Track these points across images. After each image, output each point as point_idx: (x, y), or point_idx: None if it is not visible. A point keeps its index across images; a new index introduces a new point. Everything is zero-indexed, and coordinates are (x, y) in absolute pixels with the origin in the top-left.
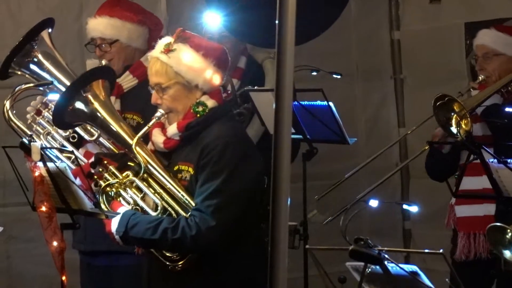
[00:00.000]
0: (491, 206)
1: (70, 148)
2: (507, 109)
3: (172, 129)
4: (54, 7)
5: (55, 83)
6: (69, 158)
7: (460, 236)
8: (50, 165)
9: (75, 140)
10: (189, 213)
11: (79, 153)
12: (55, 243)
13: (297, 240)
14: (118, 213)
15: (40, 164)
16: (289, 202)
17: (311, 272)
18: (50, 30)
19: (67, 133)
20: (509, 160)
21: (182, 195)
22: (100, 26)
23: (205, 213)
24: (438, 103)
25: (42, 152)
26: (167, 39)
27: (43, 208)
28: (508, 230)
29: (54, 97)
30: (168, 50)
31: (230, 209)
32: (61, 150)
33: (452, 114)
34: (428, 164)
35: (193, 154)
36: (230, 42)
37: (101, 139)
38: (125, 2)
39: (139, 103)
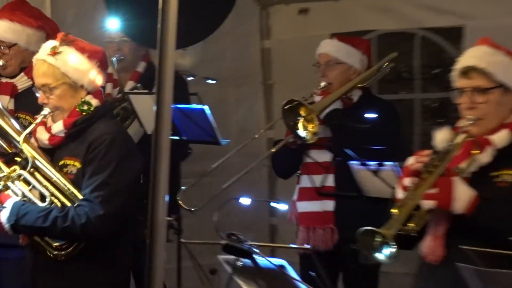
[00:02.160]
0: (330, 203)
1: None
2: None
3: (58, 127)
4: None
5: None
6: None
7: (300, 229)
8: None
9: None
10: (77, 204)
11: None
12: None
13: (172, 234)
14: (4, 207)
15: None
16: (167, 199)
17: (184, 264)
18: None
19: None
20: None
21: (68, 187)
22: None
23: (94, 203)
24: (286, 107)
25: None
26: (52, 43)
27: None
28: (377, 235)
29: None
30: (54, 52)
31: (117, 200)
32: None
33: (299, 118)
34: (274, 163)
35: (79, 150)
36: (129, 47)
37: None
38: (26, 6)
39: (32, 104)
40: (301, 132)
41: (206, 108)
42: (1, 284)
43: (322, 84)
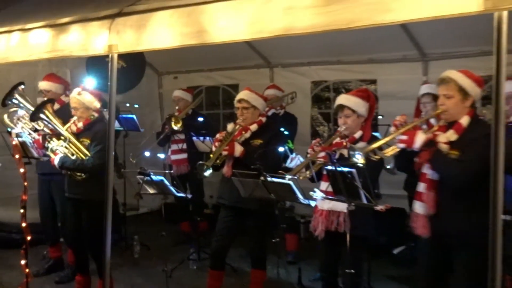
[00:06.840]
0: (185, 154)
1: (33, 133)
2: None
3: (80, 125)
4: (24, 76)
5: (25, 108)
6: (31, 136)
7: (173, 166)
8: (20, 138)
9: (35, 129)
10: (87, 158)
11: (36, 134)
12: (21, 170)
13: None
14: (53, 157)
15: (15, 138)
16: (113, 156)
17: (126, 181)
18: (22, 86)
19: (31, 125)
20: (201, 138)
21: (85, 152)
22: (44, 85)
23: (94, 158)
24: (167, 117)
25: (17, 134)
26: (78, 89)
27: (17, 156)
28: (205, 165)
29: (23, 112)
30: (79, 93)
31: (103, 157)
32: (29, 133)
33: (171, 121)
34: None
35: (89, 135)
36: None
37: (45, 129)
38: (54, 75)
39: (61, 116)
40: (174, 127)
41: (134, 116)
42: (52, 192)
43: (178, 107)
